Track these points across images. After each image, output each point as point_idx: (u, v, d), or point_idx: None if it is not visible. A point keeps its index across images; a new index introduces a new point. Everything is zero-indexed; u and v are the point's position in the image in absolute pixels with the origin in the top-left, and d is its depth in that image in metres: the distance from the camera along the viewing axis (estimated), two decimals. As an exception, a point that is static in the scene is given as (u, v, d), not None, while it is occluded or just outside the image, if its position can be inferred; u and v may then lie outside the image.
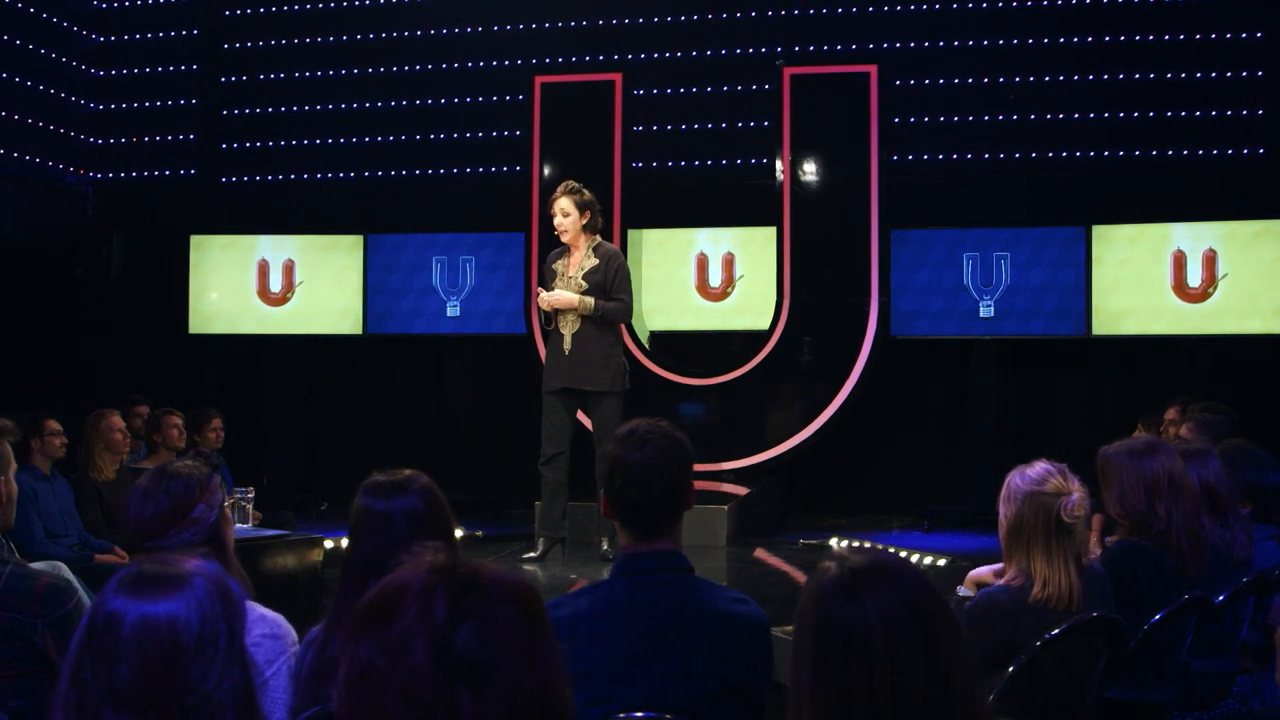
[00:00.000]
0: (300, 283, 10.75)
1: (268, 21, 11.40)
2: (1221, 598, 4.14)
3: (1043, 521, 3.56)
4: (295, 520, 8.34)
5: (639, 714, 2.55)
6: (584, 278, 6.78)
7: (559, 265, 6.96)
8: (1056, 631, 3.60)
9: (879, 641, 1.67)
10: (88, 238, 11.22)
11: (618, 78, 9.65)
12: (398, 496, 2.76)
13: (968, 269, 9.81)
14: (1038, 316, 9.69)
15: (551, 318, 6.86)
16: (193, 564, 1.94)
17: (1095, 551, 4.63)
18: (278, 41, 11.36)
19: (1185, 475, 4.11)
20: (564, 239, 6.89)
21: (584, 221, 6.83)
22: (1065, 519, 3.54)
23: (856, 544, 7.75)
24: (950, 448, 10.14)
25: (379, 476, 2.84)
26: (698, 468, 9.25)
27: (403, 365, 10.90)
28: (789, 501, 9.79)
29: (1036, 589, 3.60)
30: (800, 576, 6.76)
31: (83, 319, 11.08)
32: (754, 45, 10.42)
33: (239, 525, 6.04)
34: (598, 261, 6.81)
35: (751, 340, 9.60)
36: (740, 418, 9.43)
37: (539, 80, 9.75)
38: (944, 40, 10.25)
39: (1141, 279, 9.52)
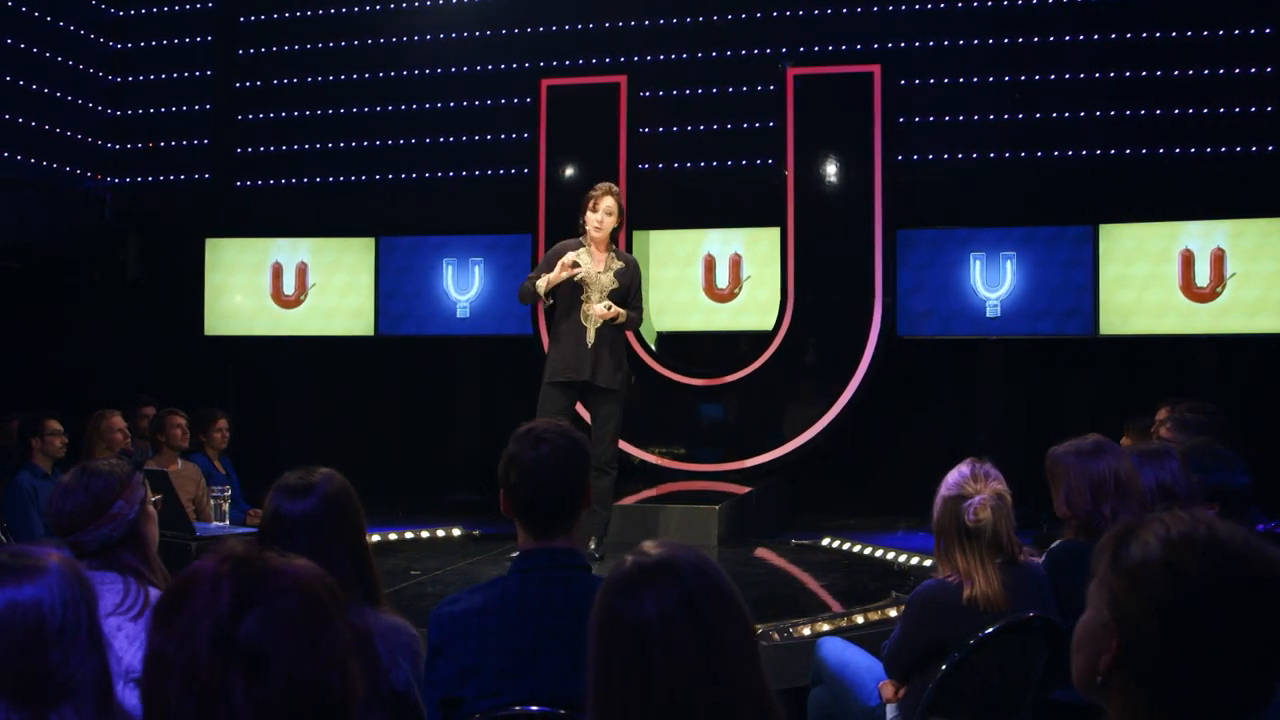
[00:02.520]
0: (313, 285, 10.88)
1: (280, 28, 11.54)
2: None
3: (954, 525, 3.61)
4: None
5: (528, 708, 2.60)
6: (616, 276, 6.78)
7: (583, 259, 6.74)
8: (990, 630, 3.61)
9: (657, 639, 1.68)
10: (105, 241, 11.40)
11: (623, 80, 9.69)
12: (302, 500, 2.80)
13: (974, 269, 9.79)
14: (1045, 316, 9.65)
15: (552, 295, 6.71)
16: (51, 552, 2.01)
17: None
18: (290, 47, 11.49)
19: (1133, 476, 4.10)
20: (596, 235, 6.76)
21: (618, 224, 6.87)
22: (968, 523, 3.58)
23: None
24: (958, 448, 10.06)
25: (290, 477, 2.89)
26: (703, 468, 9.33)
27: (414, 366, 11.00)
28: (797, 502, 9.78)
29: (967, 589, 3.63)
30: (801, 576, 6.77)
31: (100, 321, 11.26)
32: (758, 46, 10.43)
33: (215, 523, 6.13)
34: (623, 266, 6.81)
35: (758, 340, 9.60)
36: (745, 418, 9.44)
37: (545, 83, 9.80)
38: (949, 39, 10.21)
39: (1149, 278, 9.45)
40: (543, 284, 6.69)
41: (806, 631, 4.85)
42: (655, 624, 1.68)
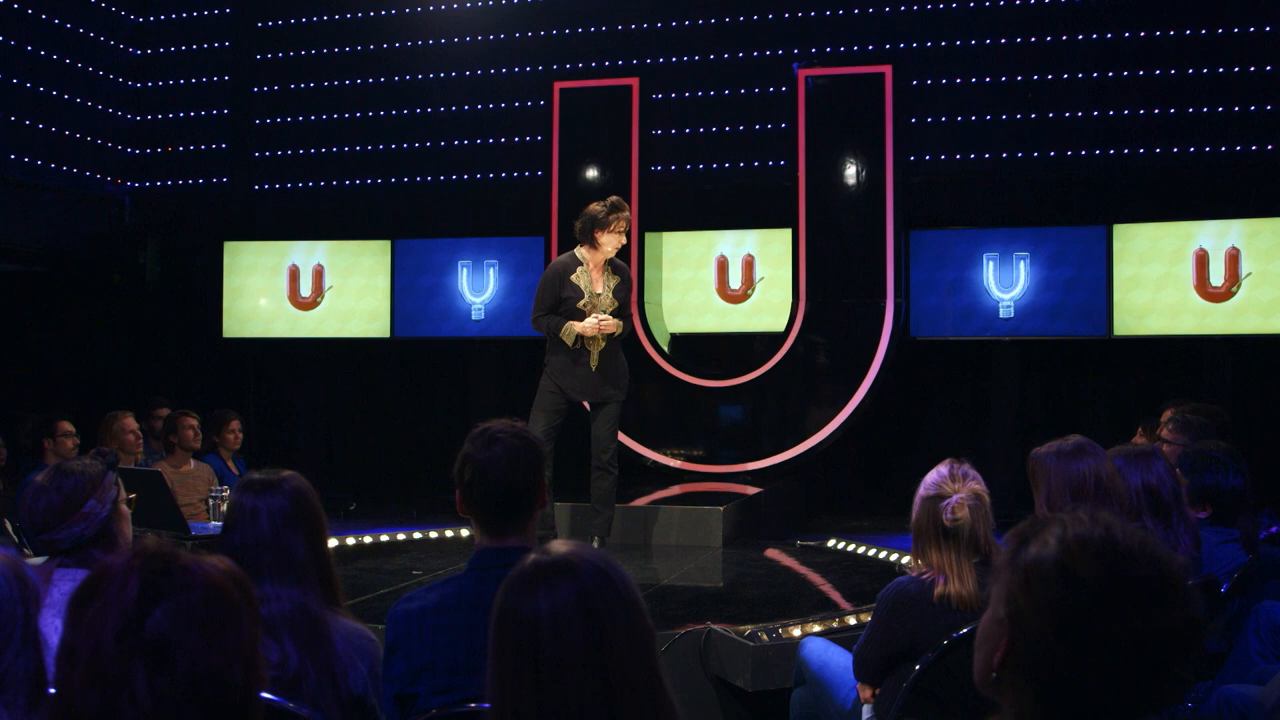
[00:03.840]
0: (330, 287, 10.97)
1: (296, 33, 11.66)
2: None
3: (931, 524, 3.61)
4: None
5: (482, 705, 2.63)
6: (614, 293, 6.83)
7: (580, 280, 6.82)
8: (965, 631, 3.61)
9: (548, 636, 1.71)
10: (125, 245, 11.53)
11: (635, 82, 9.71)
12: (268, 495, 2.85)
13: (988, 269, 9.76)
14: (1059, 317, 9.61)
15: (580, 339, 6.78)
16: None
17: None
18: (306, 52, 11.60)
19: (1114, 477, 4.08)
20: (607, 255, 6.85)
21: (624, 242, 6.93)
22: (945, 523, 3.58)
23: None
24: (973, 449, 10.07)
25: (255, 475, 2.94)
26: (714, 469, 9.34)
27: (429, 368, 11.07)
28: (813, 503, 9.78)
29: (939, 586, 3.63)
30: (800, 577, 6.77)
31: (120, 323, 11.39)
32: (770, 48, 10.45)
33: (212, 523, 6.20)
34: (620, 279, 6.88)
35: (772, 342, 9.61)
36: (757, 419, 9.45)
37: (558, 86, 9.84)
38: (960, 39, 10.19)
39: (1164, 278, 9.40)
40: (571, 336, 6.75)
41: (796, 632, 4.86)
42: (547, 621, 1.71)
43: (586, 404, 7.13)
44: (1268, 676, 3.98)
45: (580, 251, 6.87)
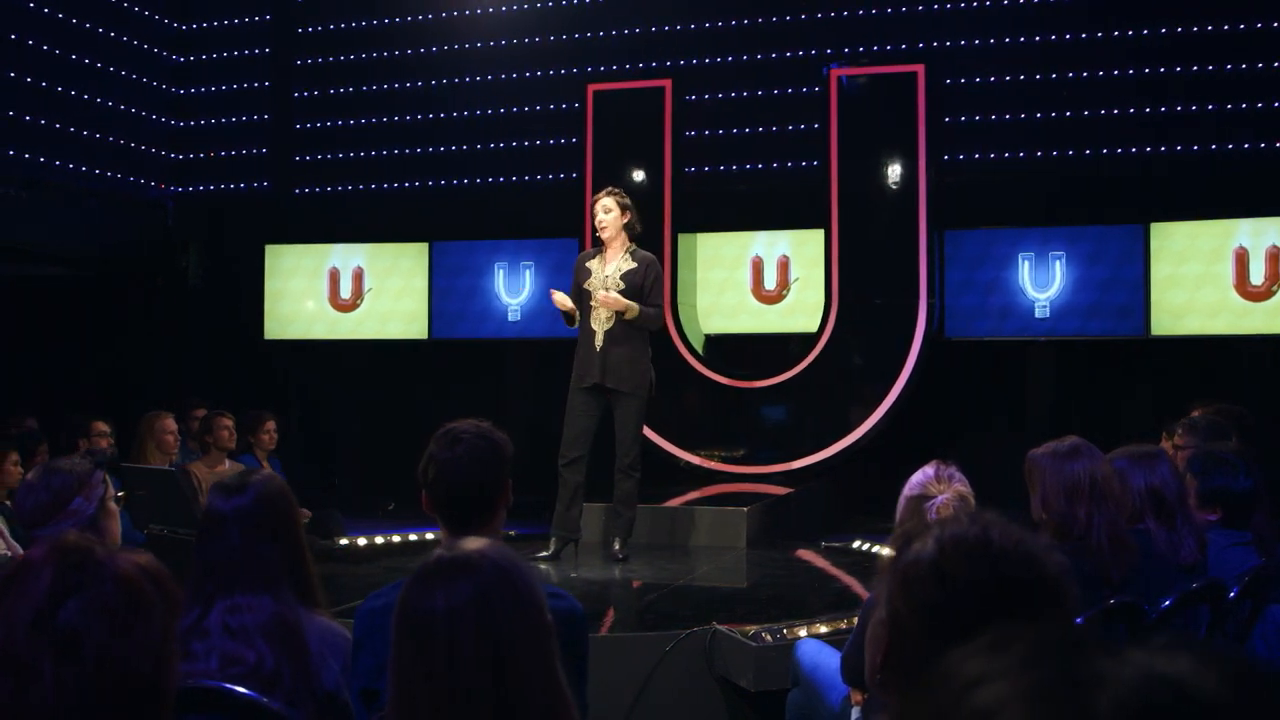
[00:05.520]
0: (369, 289, 11.09)
1: (335, 39, 11.80)
2: (1167, 604, 4.07)
3: (916, 525, 3.59)
4: (341, 520, 8.57)
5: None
6: (621, 278, 6.85)
7: (593, 264, 6.96)
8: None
9: (442, 632, 1.74)
10: (168, 249, 11.72)
11: (668, 84, 9.74)
12: (236, 497, 2.90)
13: (1023, 269, 9.69)
14: (1095, 316, 9.52)
15: (573, 316, 6.91)
16: None
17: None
18: (344, 57, 11.73)
19: (1110, 479, 4.04)
20: (604, 235, 6.92)
21: (624, 221, 6.90)
22: (930, 523, 3.56)
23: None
24: (1008, 450, 9.95)
25: (229, 478, 2.99)
26: (747, 470, 9.32)
27: (466, 369, 11.15)
28: (847, 504, 9.74)
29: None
30: (817, 578, 6.77)
31: (162, 326, 11.58)
32: (802, 48, 10.43)
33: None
34: (635, 265, 6.86)
35: (807, 342, 9.58)
36: (790, 420, 9.44)
37: (591, 88, 9.89)
38: (994, 37, 10.11)
39: (1202, 277, 9.28)
40: (565, 305, 6.92)
41: (802, 633, 4.86)
42: (441, 618, 1.74)
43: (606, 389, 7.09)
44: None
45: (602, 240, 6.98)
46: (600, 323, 6.81)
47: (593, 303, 6.86)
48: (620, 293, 6.78)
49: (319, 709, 2.80)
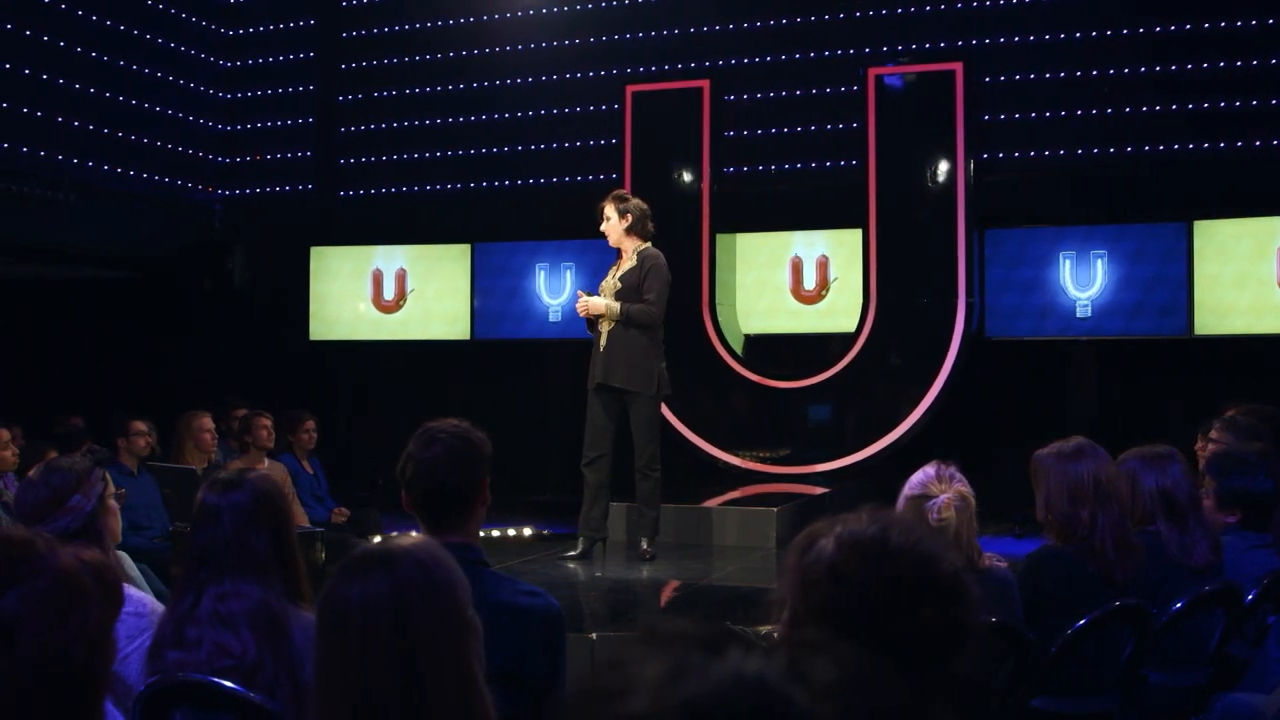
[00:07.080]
0: (412, 290, 11.20)
1: (378, 43, 11.93)
2: (1178, 606, 4.02)
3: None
4: (380, 519, 8.65)
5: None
6: (620, 279, 6.91)
7: (612, 268, 7.12)
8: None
9: (355, 622, 1.78)
10: (214, 251, 11.91)
11: (706, 84, 9.74)
12: (230, 494, 2.96)
13: (1064, 268, 9.60)
14: (1138, 316, 9.41)
15: (594, 321, 7.00)
16: None
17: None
18: (388, 61, 11.86)
19: (1115, 480, 4.02)
20: (609, 243, 7.05)
21: (625, 225, 6.94)
22: (931, 522, 3.57)
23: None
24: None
25: (221, 475, 3.05)
26: (784, 469, 9.27)
27: (508, 369, 11.22)
28: (889, 504, 9.66)
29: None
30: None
31: (210, 328, 11.76)
32: (840, 47, 10.40)
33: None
34: (633, 265, 6.93)
35: (847, 342, 9.55)
36: (828, 420, 9.42)
37: (629, 89, 9.92)
38: (1033, 34, 10.02)
39: (1247, 276, 9.14)
40: (584, 310, 7.03)
41: (816, 633, 4.85)
42: (356, 608, 1.78)
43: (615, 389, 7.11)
44: (1287, 686, 3.87)
45: None
46: (604, 324, 6.89)
47: (578, 308, 7.02)
48: (618, 293, 6.86)
49: (298, 698, 2.86)
